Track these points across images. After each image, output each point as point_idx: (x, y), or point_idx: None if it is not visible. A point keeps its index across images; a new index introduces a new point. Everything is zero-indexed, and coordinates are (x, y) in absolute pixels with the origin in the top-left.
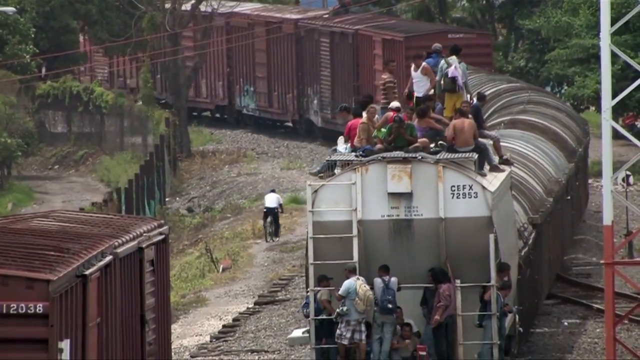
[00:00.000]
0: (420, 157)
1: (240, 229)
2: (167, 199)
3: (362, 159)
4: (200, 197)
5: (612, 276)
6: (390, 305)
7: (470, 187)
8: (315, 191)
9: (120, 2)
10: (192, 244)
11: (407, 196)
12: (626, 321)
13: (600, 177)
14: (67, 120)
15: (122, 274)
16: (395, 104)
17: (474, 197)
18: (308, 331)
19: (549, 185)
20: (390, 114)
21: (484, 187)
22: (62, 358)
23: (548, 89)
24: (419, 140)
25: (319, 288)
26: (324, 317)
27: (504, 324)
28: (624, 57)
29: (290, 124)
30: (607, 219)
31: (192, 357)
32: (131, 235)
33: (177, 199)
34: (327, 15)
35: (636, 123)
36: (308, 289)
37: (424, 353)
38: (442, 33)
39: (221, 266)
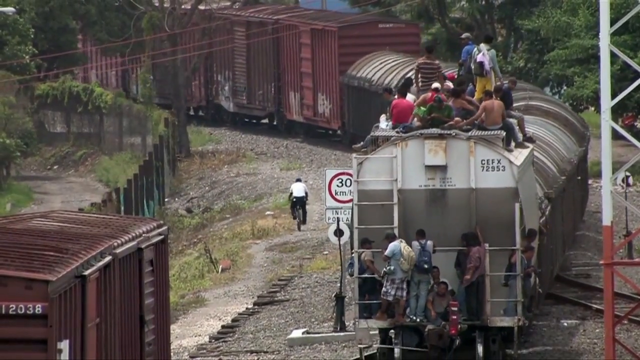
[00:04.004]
0: (454, 134)
1: (239, 230)
2: (166, 200)
3: (402, 134)
4: (199, 198)
5: (611, 277)
6: (426, 266)
7: (499, 161)
8: (360, 163)
9: (119, 2)
10: (191, 244)
11: (442, 168)
12: (625, 321)
13: (599, 178)
14: (66, 121)
15: (121, 274)
16: (434, 85)
17: (502, 170)
18: (307, 332)
19: (561, 165)
20: (429, 94)
21: (510, 162)
22: (61, 358)
23: (547, 89)
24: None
25: (362, 250)
26: (367, 275)
27: (528, 284)
28: (623, 57)
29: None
30: (607, 219)
31: (191, 357)
32: (130, 236)
33: (176, 199)
34: (237, 6)
35: (635, 123)
36: (353, 251)
37: (455, 308)
38: (372, 23)
39: (220, 267)
